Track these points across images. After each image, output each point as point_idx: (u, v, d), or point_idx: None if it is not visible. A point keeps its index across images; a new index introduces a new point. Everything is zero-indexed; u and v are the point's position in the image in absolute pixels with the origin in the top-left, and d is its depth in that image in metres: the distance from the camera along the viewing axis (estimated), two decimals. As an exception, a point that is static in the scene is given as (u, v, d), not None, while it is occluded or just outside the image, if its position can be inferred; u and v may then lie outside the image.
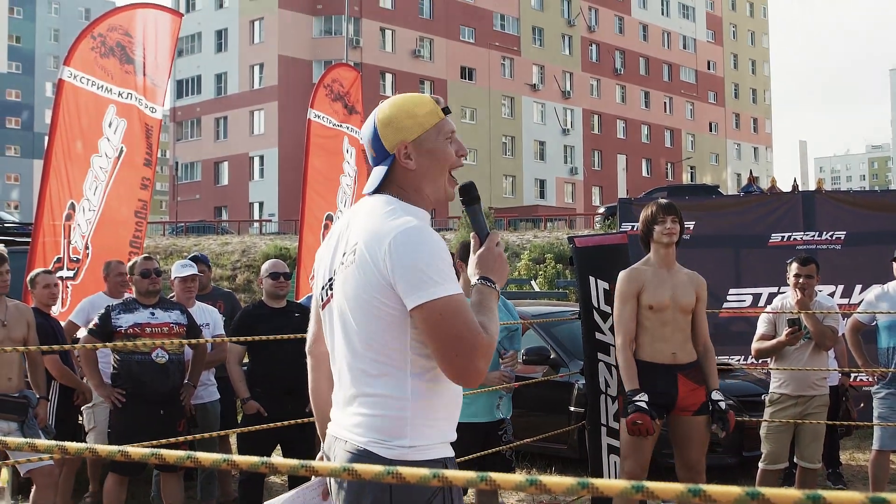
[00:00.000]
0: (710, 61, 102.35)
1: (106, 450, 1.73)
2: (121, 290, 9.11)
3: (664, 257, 6.89)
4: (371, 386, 3.14)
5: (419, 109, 3.28)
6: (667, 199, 7.54)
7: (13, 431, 7.41)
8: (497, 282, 3.25)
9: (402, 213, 3.15)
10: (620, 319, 6.88)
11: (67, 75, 9.77)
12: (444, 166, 3.28)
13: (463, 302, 3.01)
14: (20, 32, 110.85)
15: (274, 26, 71.39)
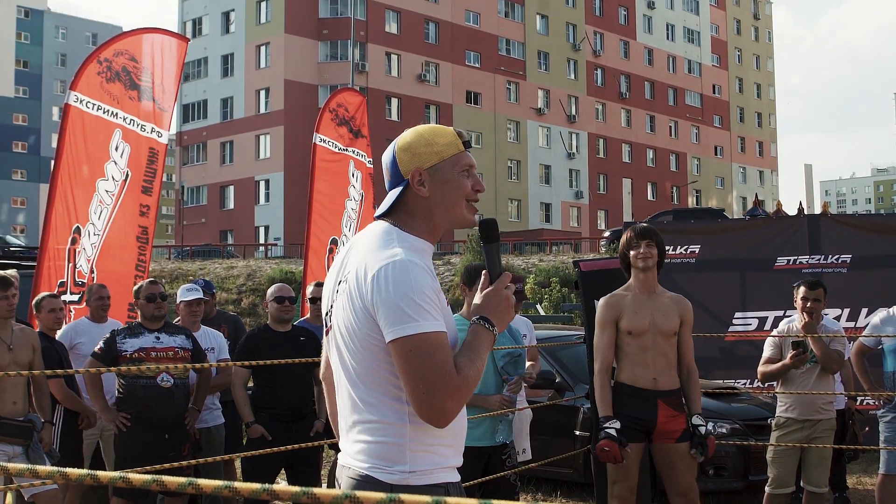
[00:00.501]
0: (716, 85, 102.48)
1: (107, 476, 1.73)
2: (101, 313, 9.12)
3: (643, 282, 6.91)
4: (370, 413, 3.18)
5: (439, 139, 3.32)
6: (672, 222, 7.56)
7: (18, 455, 7.41)
8: (497, 325, 3.26)
9: (395, 244, 3.17)
10: (598, 346, 6.92)
11: (74, 100, 9.80)
12: (457, 197, 3.30)
13: (437, 341, 3.03)
14: (27, 57, 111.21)
15: (280, 51, 71.59)
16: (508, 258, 45.07)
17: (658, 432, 6.70)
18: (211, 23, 77.74)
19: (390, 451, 3.14)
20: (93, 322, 9.05)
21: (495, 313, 3.27)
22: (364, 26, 72.63)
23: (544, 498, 10.83)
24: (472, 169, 3.35)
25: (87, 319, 9.14)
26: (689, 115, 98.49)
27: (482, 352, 3.17)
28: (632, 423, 6.67)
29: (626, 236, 6.94)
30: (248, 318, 31.63)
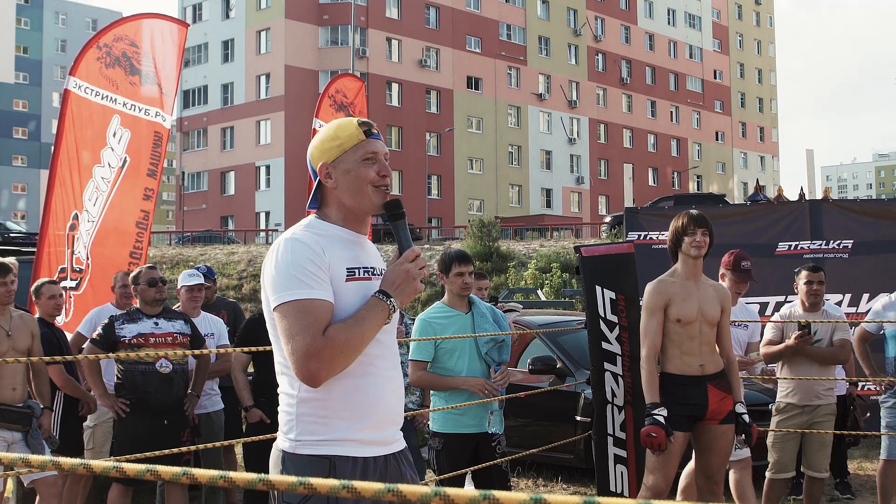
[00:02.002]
0: (717, 70, 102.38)
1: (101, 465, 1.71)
2: (125, 301, 9.10)
3: (692, 269, 6.82)
4: (280, 384, 3.53)
5: (341, 132, 3.54)
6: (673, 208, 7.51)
7: (17, 441, 7.40)
8: (395, 297, 3.41)
9: (297, 228, 3.50)
10: (647, 331, 6.78)
11: (73, 86, 9.78)
12: (360, 184, 3.49)
13: (307, 306, 3.27)
14: (27, 43, 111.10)
15: (280, 36, 71.52)
16: (510, 244, 45.09)
17: (708, 415, 6.66)
18: (211, 8, 77.67)
19: (285, 419, 3.47)
20: (117, 309, 9.01)
21: (394, 286, 3.42)
22: (365, 11, 72.56)
23: (545, 483, 10.84)
24: (378, 155, 3.53)
25: (112, 306, 9.12)
26: (691, 101, 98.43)
27: (367, 321, 3.32)
28: (681, 411, 6.60)
29: (681, 222, 6.78)
30: (249, 304, 31.65)
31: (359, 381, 3.37)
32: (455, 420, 7.19)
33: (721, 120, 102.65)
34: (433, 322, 7.23)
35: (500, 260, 40.10)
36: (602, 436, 8.45)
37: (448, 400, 7.21)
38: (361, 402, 3.38)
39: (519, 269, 38.14)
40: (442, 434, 7.16)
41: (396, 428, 3.56)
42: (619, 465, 8.36)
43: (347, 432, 3.35)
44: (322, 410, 3.36)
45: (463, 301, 7.34)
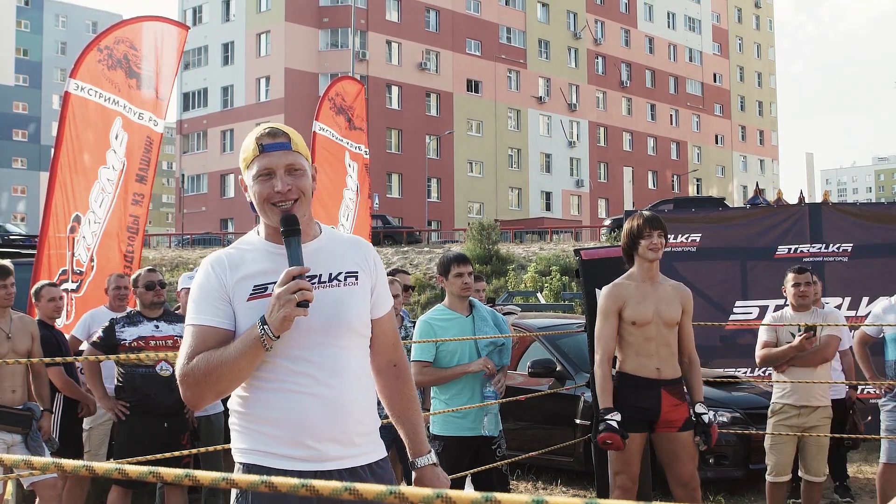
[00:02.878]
0: (717, 74, 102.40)
1: (103, 467, 1.71)
2: (119, 303, 9.10)
3: (648, 270, 6.84)
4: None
5: (245, 148, 3.47)
6: (673, 211, 7.52)
7: (17, 444, 7.40)
8: (269, 322, 3.21)
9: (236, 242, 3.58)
10: (601, 336, 6.82)
11: (74, 87, 9.78)
12: (259, 201, 3.41)
13: (190, 332, 3.33)
14: (27, 45, 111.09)
15: (280, 39, 71.56)
16: (509, 247, 45.11)
17: (661, 421, 6.67)
18: (211, 11, 77.69)
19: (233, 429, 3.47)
20: (112, 312, 9.02)
21: (268, 312, 3.23)
22: (365, 14, 72.59)
23: (544, 486, 10.84)
24: (274, 170, 3.39)
25: (105, 309, 9.11)
26: (690, 104, 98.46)
27: (234, 347, 3.24)
28: (635, 413, 6.64)
29: (636, 224, 6.80)
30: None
31: (273, 397, 3.31)
32: (455, 423, 7.20)
33: (721, 123, 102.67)
34: (434, 324, 7.25)
35: (499, 263, 40.09)
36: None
37: (449, 403, 7.23)
38: (277, 418, 3.31)
39: (518, 272, 38.14)
40: (442, 437, 7.17)
41: (331, 443, 3.35)
42: (619, 468, 8.36)
43: (269, 446, 3.31)
44: (244, 422, 3.38)
45: (464, 303, 7.35)
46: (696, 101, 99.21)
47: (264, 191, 3.37)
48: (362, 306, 3.48)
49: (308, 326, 3.30)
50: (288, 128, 3.49)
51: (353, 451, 3.38)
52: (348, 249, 3.57)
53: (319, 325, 3.33)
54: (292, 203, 3.39)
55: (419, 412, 3.72)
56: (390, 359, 3.68)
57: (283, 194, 3.37)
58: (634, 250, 6.83)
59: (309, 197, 3.48)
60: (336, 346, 3.36)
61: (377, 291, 3.58)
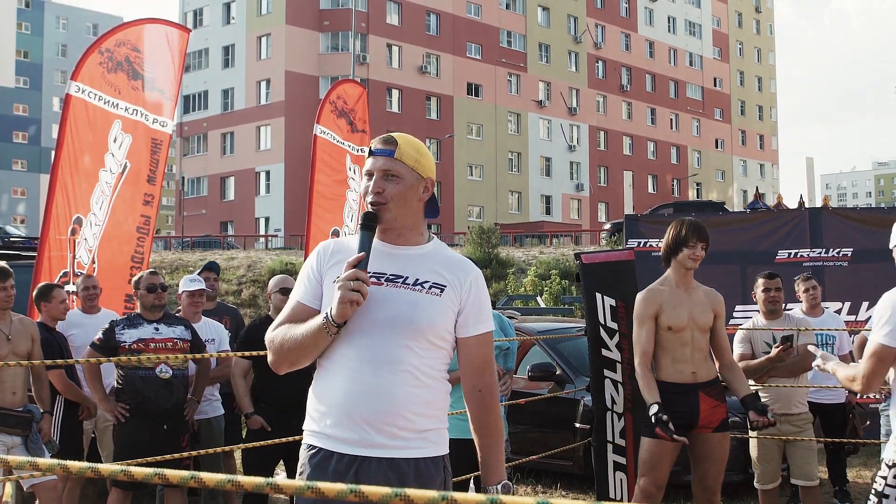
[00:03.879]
0: (717, 78, 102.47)
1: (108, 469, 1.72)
2: (89, 303, 9.09)
3: (683, 277, 6.82)
4: None
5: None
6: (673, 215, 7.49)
7: (17, 446, 7.41)
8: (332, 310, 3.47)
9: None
10: (638, 340, 6.79)
11: (75, 90, 9.78)
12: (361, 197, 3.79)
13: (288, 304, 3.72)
14: (28, 47, 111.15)
15: (281, 42, 71.58)
16: (509, 250, 45.08)
17: (700, 424, 6.66)
18: (212, 14, 77.74)
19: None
20: (84, 313, 9.04)
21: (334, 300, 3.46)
22: (365, 17, 72.63)
23: (544, 490, 10.84)
24: (372, 172, 3.66)
25: (78, 311, 9.12)
26: (690, 108, 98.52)
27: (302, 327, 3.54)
28: (674, 419, 6.60)
29: (682, 231, 6.75)
30: (249, 309, 31.66)
31: (328, 381, 3.58)
32: (459, 425, 7.20)
33: (721, 128, 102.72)
34: None
35: (499, 266, 40.05)
36: (601, 443, 8.46)
37: (452, 406, 7.22)
38: (322, 398, 3.59)
39: (518, 275, 38.10)
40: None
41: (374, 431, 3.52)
42: (619, 472, 8.37)
43: (319, 425, 3.57)
44: (308, 403, 3.66)
45: None
46: (696, 106, 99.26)
47: (363, 189, 3.68)
48: (438, 315, 3.59)
49: (375, 320, 3.52)
50: (404, 137, 3.70)
51: (397, 442, 3.52)
52: (446, 266, 3.70)
53: (387, 319, 3.52)
54: (381, 205, 3.60)
55: (497, 442, 3.82)
56: (475, 383, 3.81)
57: (374, 195, 3.61)
58: (674, 255, 6.80)
59: (404, 203, 3.63)
60: (399, 343, 3.53)
61: (466, 311, 3.69)
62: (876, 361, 4.89)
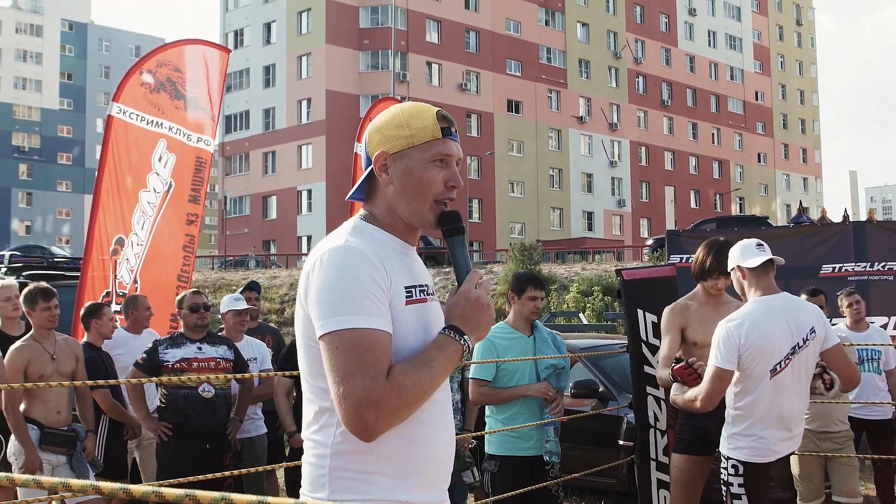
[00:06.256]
0: (758, 92, 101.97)
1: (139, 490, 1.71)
2: (139, 325, 9.14)
3: (712, 295, 6.78)
4: (308, 428, 2.83)
5: (414, 121, 2.92)
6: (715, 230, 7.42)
7: (62, 464, 7.45)
8: (469, 332, 2.80)
9: (346, 234, 2.85)
10: (663, 351, 6.76)
11: (116, 111, 9.85)
12: (422, 191, 2.88)
13: (366, 338, 2.62)
14: (72, 69, 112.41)
15: (321, 61, 71.89)
16: (552, 267, 44.98)
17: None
18: (252, 34, 78.22)
19: (314, 473, 2.79)
20: (130, 333, 9.09)
21: (465, 320, 2.81)
22: (405, 36, 72.85)
23: (588, 508, 10.78)
24: (450, 159, 2.92)
25: (123, 330, 9.17)
26: (732, 123, 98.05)
27: (437, 362, 2.70)
28: (699, 435, 6.54)
29: (706, 263, 6.64)
30: (291, 328, 31.71)
31: (408, 430, 2.73)
32: (512, 443, 7.19)
33: (763, 141, 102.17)
34: (497, 342, 7.24)
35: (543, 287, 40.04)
36: (645, 460, 8.41)
37: (505, 423, 7.22)
38: (410, 455, 2.76)
39: (561, 292, 38.04)
40: (498, 457, 7.17)
41: (446, 486, 2.94)
42: (662, 489, 8.31)
43: (392, 492, 2.72)
44: (361, 465, 2.71)
45: (528, 324, 7.37)
46: (737, 120, 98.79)
47: (436, 179, 2.88)
48: None
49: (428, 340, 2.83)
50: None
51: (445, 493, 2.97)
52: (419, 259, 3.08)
53: None
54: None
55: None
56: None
57: (455, 190, 2.93)
58: (700, 281, 6.74)
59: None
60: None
61: None
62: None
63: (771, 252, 5.96)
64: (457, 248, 2.92)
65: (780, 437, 5.77)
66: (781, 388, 5.69)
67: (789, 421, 5.76)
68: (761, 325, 5.67)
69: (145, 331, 9.15)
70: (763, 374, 5.66)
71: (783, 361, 5.67)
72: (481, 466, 7.45)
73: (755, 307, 5.80)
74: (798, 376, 5.75)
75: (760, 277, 5.88)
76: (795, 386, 5.75)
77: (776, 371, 5.67)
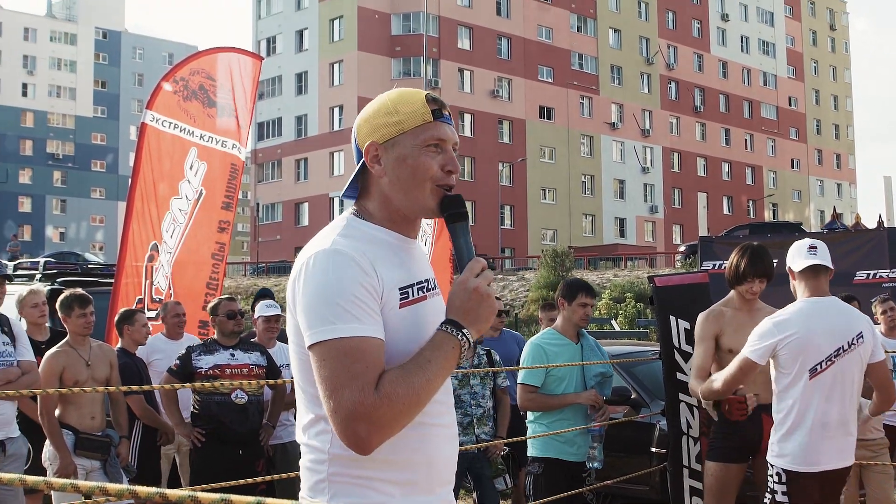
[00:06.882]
0: (792, 97, 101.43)
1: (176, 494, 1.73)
2: (177, 331, 9.21)
3: (746, 301, 6.74)
4: (304, 434, 2.73)
5: (402, 107, 2.82)
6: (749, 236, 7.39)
7: (96, 470, 7.50)
8: (468, 326, 2.62)
9: (335, 233, 2.74)
10: (696, 358, 6.74)
11: (150, 119, 9.90)
12: (418, 178, 2.75)
13: (354, 347, 2.50)
14: (105, 77, 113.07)
15: (353, 68, 72.06)
16: (583, 273, 44.84)
17: (763, 448, 6.54)
18: (285, 41, 78.51)
19: (312, 479, 2.69)
20: (168, 339, 9.14)
21: (463, 312, 2.63)
22: (436, 43, 72.92)
23: (620, 515, 10.74)
24: (444, 144, 2.78)
25: (162, 336, 9.23)
26: (765, 128, 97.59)
27: (434, 363, 2.55)
28: (733, 442, 6.51)
29: (740, 266, 6.64)
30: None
31: (408, 434, 2.61)
32: (556, 446, 7.20)
33: (796, 147, 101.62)
34: (547, 348, 7.25)
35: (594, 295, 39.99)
36: (677, 467, 8.38)
37: (549, 427, 7.22)
38: (410, 460, 2.67)
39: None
40: (542, 459, 7.17)
41: (450, 487, 2.82)
42: (696, 497, 8.27)
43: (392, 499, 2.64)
44: (361, 470, 2.62)
45: (575, 331, 7.38)
46: (770, 126, 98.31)
47: (432, 164, 2.74)
48: None
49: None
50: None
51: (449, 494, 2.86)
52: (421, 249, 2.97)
53: None
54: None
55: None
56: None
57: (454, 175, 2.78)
58: (734, 286, 6.71)
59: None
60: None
61: None
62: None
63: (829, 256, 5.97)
64: (459, 236, 2.74)
65: (825, 446, 5.65)
66: (822, 391, 5.62)
67: (834, 429, 5.65)
68: (805, 323, 5.67)
69: (185, 336, 9.19)
70: (802, 374, 5.63)
71: (824, 362, 5.62)
72: (525, 469, 7.46)
73: (801, 305, 5.83)
74: (841, 381, 5.67)
75: (809, 280, 5.89)
76: (838, 391, 5.65)
77: (816, 372, 5.62)
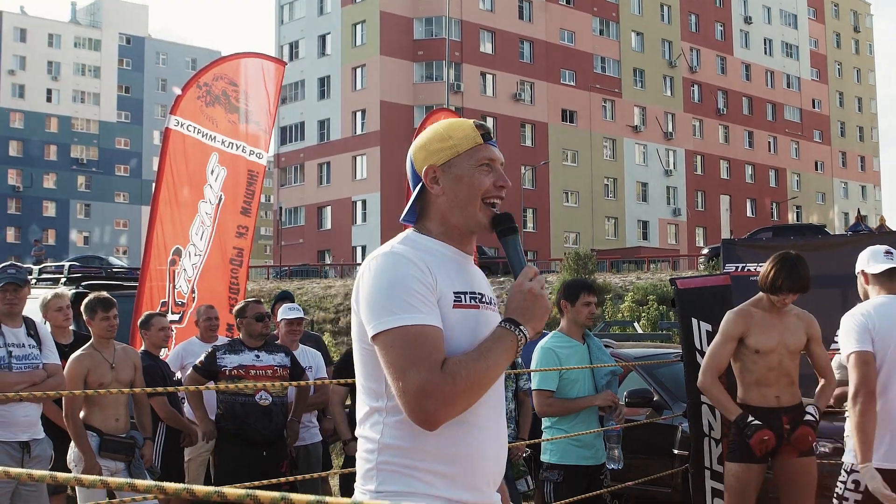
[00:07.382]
0: (815, 100, 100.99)
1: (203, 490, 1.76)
2: (210, 334, 9.27)
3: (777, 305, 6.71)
4: (360, 426, 3.00)
5: (455, 133, 3.09)
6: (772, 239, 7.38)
7: (120, 471, 7.54)
8: (525, 323, 2.92)
9: (395, 243, 3.03)
10: (713, 354, 6.67)
11: (174, 123, 9.97)
12: (472, 194, 3.04)
13: (418, 333, 2.77)
14: (129, 82, 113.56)
15: (375, 73, 72.15)
16: (606, 276, 44.84)
17: (783, 448, 6.54)
18: (307, 46, 78.68)
19: (364, 468, 2.94)
20: (203, 342, 9.19)
21: (520, 311, 2.94)
22: (459, 46, 72.91)
23: (643, 518, 10.74)
24: (494, 163, 3.08)
25: (197, 339, 9.30)
26: (789, 131, 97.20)
27: (494, 352, 2.84)
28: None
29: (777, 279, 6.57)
30: (346, 337, 31.87)
31: (454, 431, 2.85)
32: (575, 452, 7.20)
33: (820, 149, 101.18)
34: (558, 351, 7.24)
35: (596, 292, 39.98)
36: (699, 469, 8.38)
37: (568, 431, 7.22)
38: (456, 455, 2.88)
39: (615, 301, 37.90)
40: (561, 466, 7.16)
41: (494, 489, 3.04)
42: (717, 498, 8.27)
43: (434, 489, 2.85)
44: (406, 459, 2.85)
45: (580, 332, 7.39)
46: (794, 128, 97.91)
47: (485, 181, 3.05)
48: None
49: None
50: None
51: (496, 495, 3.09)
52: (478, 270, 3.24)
53: None
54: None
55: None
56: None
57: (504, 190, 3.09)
58: (767, 292, 6.66)
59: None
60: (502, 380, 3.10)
61: None
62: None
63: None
64: (510, 247, 3.07)
65: None
66: None
67: None
68: (890, 316, 5.72)
69: (220, 339, 9.26)
70: (893, 365, 5.64)
71: None
72: (541, 476, 7.45)
73: (882, 299, 5.88)
74: None
75: (884, 283, 5.98)
76: None
77: None
